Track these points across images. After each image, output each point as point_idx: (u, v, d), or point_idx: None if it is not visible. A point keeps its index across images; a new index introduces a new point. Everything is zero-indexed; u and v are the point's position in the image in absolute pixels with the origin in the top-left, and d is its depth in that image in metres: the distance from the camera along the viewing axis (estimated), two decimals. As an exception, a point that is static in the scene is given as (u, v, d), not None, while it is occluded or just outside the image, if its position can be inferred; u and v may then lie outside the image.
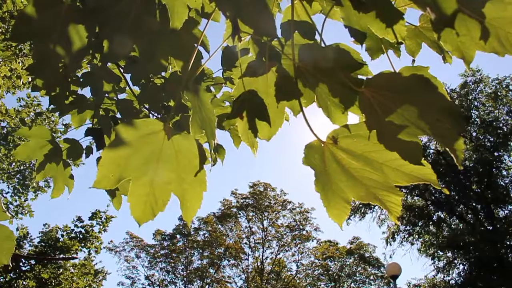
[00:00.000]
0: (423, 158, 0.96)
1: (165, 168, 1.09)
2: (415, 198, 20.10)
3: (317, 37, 1.27)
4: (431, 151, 19.34)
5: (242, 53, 2.24)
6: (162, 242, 27.84)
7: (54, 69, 2.61)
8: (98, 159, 2.60)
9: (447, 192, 1.04)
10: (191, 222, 1.12)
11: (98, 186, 1.10)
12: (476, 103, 19.86)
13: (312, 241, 27.67)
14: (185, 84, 1.09)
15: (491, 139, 19.47)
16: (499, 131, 19.47)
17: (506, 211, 18.94)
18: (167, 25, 1.22)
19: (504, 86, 19.88)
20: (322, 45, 1.11)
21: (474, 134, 19.59)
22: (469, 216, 19.10)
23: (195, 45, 1.38)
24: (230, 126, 2.66)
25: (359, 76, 1.01)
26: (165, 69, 1.97)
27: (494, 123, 19.47)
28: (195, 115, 1.14)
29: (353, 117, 1.17)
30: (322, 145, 1.08)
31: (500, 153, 19.40)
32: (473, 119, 19.37)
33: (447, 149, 0.84)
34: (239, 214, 27.78)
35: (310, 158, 1.11)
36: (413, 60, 1.31)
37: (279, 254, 27.36)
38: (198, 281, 26.79)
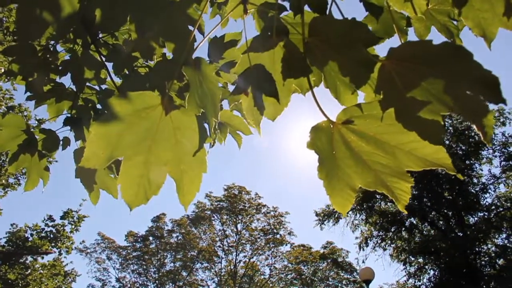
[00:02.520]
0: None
1: (161, 147, 1.00)
2: (389, 204, 20.29)
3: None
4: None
5: (230, 44, 2.16)
6: (134, 243, 27.44)
7: (34, 50, 2.49)
8: (76, 151, 2.48)
9: (461, 178, 0.99)
10: (188, 207, 1.03)
11: (87, 164, 1.00)
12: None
13: (286, 245, 27.69)
14: (184, 57, 1.00)
15: (463, 147, 19.83)
16: (471, 140, 19.84)
17: (476, 218, 19.29)
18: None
19: (477, 96, 20.21)
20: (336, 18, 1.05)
21: (447, 142, 19.92)
22: (441, 222, 19.38)
23: (195, 21, 1.29)
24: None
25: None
26: (153, 53, 1.87)
27: (466, 132, 19.84)
28: (193, 92, 1.06)
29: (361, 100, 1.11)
30: (331, 126, 1.01)
31: (471, 161, 19.77)
32: (446, 128, 19.69)
33: (475, 125, 0.78)
34: (213, 217, 27.60)
35: (316, 141, 1.04)
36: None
37: (252, 257, 27.28)
38: (170, 284, 26.47)
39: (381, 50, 1.33)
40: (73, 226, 13.55)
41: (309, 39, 0.99)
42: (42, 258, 13.28)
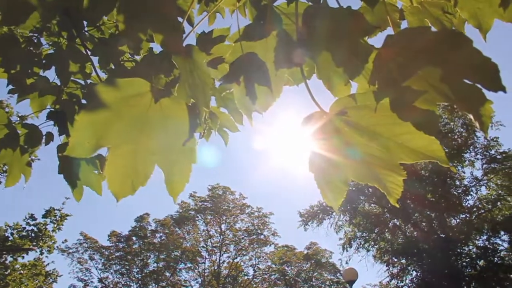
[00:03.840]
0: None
1: (150, 136, 0.97)
2: (372, 205, 20.42)
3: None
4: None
5: (218, 40, 2.14)
6: (117, 243, 27.17)
7: (16, 42, 2.43)
8: (59, 146, 2.43)
9: (455, 171, 0.98)
10: (177, 198, 1.00)
11: (72, 153, 0.97)
12: (433, 114, 20.40)
13: (270, 245, 27.69)
14: (173, 44, 0.97)
15: (446, 150, 20.02)
16: (454, 142, 20.09)
17: (458, 220, 19.51)
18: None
19: (460, 99, 20.47)
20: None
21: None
22: (424, 224, 19.56)
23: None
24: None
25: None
26: (141, 45, 1.84)
27: (450, 134, 20.07)
28: (183, 81, 1.03)
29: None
30: (324, 117, 0.99)
31: (454, 163, 19.97)
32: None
33: (471, 114, 0.76)
34: (197, 217, 27.47)
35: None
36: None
37: (236, 258, 27.21)
38: (153, 284, 26.27)
39: (373, 43, 1.32)
40: (55, 225, 13.33)
41: (303, 28, 0.97)
42: (23, 257, 13.03)
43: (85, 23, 2.57)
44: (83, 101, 2.75)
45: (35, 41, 2.44)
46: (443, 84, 0.78)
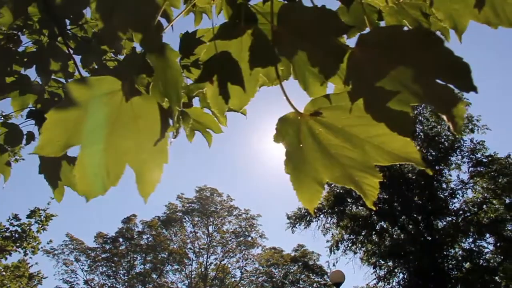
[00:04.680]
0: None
1: (121, 135, 0.95)
2: (360, 208, 20.49)
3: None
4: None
5: (201, 40, 2.12)
6: (103, 245, 26.99)
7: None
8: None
9: (430, 173, 0.97)
10: (147, 198, 0.98)
11: (41, 152, 0.95)
12: (420, 117, 20.56)
13: (257, 247, 27.71)
14: (148, 42, 0.96)
15: (433, 153, 20.19)
16: (441, 146, 20.25)
17: (445, 223, 19.66)
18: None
19: (447, 102, 20.67)
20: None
21: (417, 147, 20.21)
22: (410, 226, 19.66)
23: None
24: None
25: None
26: (120, 44, 1.82)
27: (437, 138, 20.22)
28: (157, 79, 1.02)
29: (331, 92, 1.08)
30: (299, 117, 0.98)
31: (441, 167, 20.14)
32: (417, 133, 20.03)
33: (444, 115, 0.75)
34: (184, 218, 27.40)
35: (283, 133, 1.01)
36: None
37: (223, 260, 27.18)
38: (140, 286, 26.12)
39: (352, 44, 1.31)
40: (40, 226, 13.14)
41: (278, 27, 0.96)
42: (6, 259, 12.82)
43: (68, 21, 2.55)
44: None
45: (15, 38, 2.40)
46: (416, 84, 0.77)
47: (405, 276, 18.92)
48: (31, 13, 2.53)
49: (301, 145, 1.01)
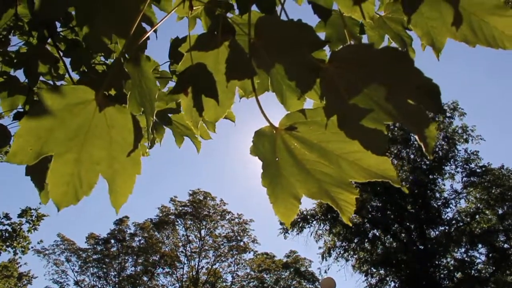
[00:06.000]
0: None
1: (94, 145, 0.94)
2: (352, 215, 20.44)
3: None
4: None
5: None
6: (95, 246, 26.86)
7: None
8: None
9: (406, 191, 0.96)
10: (119, 209, 0.97)
11: (12, 160, 0.93)
12: (415, 126, 20.60)
13: (249, 252, 27.61)
14: (124, 51, 0.95)
15: (427, 162, 20.22)
16: (435, 155, 20.28)
17: (437, 232, 19.68)
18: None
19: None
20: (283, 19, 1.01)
21: (412, 156, 20.29)
22: (403, 235, 19.68)
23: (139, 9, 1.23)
24: (173, 122, 2.50)
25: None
26: (106, 47, 1.80)
27: (431, 147, 20.24)
28: (134, 90, 1.01)
29: (309, 106, 1.07)
30: (274, 131, 0.97)
31: (434, 176, 20.20)
32: (411, 142, 20.08)
33: (416, 136, 0.75)
34: (177, 221, 27.30)
35: (259, 147, 1.00)
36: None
37: (215, 264, 27.09)
38: (130, 289, 25.99)
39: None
40: (31, 225, 13.04)
41: (255, 40, 0.95)
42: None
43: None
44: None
45: (3, 39, 2.39)
46: (388, 103, 0.76)
47: (396, 285, 18.92)
48: (21, 14, 2.53)
49: (277, 159, 1.00)
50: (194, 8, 0.95)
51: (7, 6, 1.13)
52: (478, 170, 19.95)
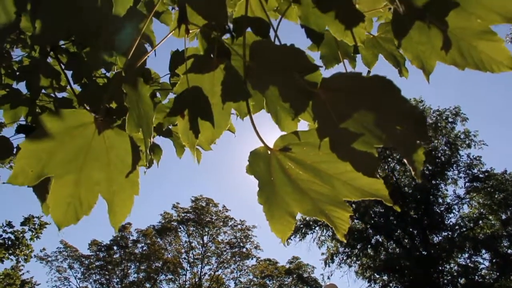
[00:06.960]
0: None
1: (93, 167, 0.97)
2: (355, 221, 20.45)
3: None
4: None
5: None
6: (98, 253, 26.87)
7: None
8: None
9: (398, 210, 0.98)
10: (118, 228, 1.00)
11: (14, 182, 0.96)
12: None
13: (252, 259, 27.59)
14: (122, 73, 0.98)
15: (430, 167, 20.21)
16: (437, 160, 20.27)
17: (440, 238, 19.63)
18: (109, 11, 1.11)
19: (444, 118, 20.83)
20: (277, 43, 1.04)
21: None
22: (406, 241, 19.64)
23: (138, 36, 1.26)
24: (174, 133, 2.53)
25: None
26: (105, 63, 1.83)
27: (433, 152, 20.25)
28: (132, 112, 1.03)
29: (303, 126, 1.10)
30: (269, 152, 0.99)
31: (437, 181, 20.17)
32: (414, 147, 20.05)
33: (405, 160, 0.77)
34: (180, 228, 27.31)
35: (255, 167, 1.02)
36: (369, 72, 1.26)
37: (217, 270, 27.06)
38: (133, 295, 25.98)
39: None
40: (33, 233, 13.06)
41: (250, 62, 0.97)
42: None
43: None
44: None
45: (5, 53, 2.43)
46: (378, 128, 0.79)
47: (399, 291, 18.85)
48: (24, 28, 2.56)
49: (272, 179, 1.02)
50: (190, 31, 0.98)
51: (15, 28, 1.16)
52: (481, 175, 19.92)
